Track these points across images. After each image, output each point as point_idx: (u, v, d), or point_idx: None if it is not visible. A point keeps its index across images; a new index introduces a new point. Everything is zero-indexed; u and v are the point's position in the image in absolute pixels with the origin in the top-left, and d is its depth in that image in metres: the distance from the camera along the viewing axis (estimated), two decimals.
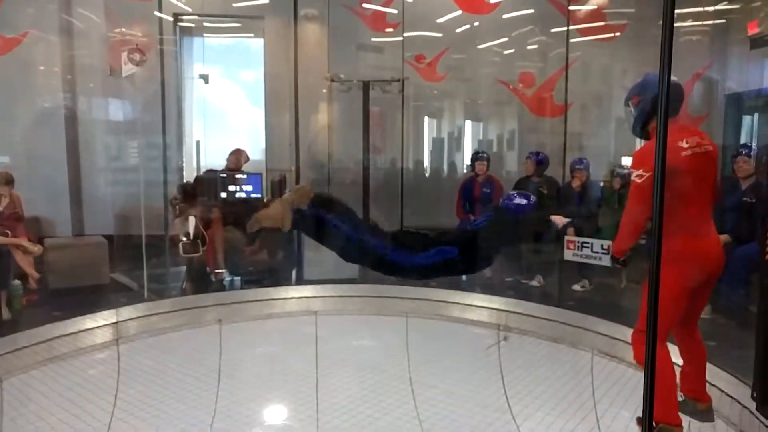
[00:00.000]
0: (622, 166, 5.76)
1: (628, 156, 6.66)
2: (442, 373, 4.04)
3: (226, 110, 8.04)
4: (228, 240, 5.40)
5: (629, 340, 4.10)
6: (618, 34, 6.51)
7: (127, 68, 4.75)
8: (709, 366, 3.46)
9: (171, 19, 6.67)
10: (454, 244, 2.79)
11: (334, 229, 2.77)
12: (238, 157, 5.94)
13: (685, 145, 2.41)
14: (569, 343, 4.42)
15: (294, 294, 5.27)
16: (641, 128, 2.60)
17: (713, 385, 3.39)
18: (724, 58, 6.17)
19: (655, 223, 1.38)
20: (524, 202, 3.03)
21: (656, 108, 2.16)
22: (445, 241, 2.80)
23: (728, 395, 3.27)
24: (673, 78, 2.31)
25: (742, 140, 5.91)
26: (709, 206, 2.56)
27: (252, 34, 7.73)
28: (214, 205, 5.01)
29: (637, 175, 2.37)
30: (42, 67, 6.53)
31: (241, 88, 8.28)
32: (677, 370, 2.82)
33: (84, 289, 5.13)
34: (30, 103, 6.53)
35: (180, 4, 6.68)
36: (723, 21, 6.02)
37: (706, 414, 2.73)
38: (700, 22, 6.01)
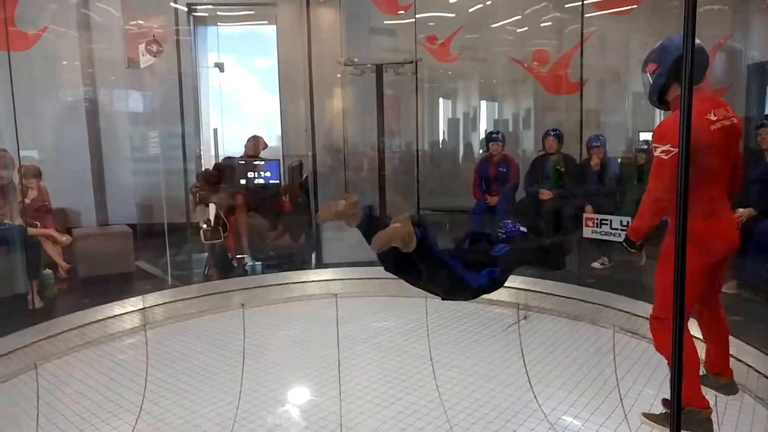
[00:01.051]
0: (645, 141, 5.68)
1: (646, 131, 6.59)
2: (462, 353, 4.08)
3: (242, 98, 8.10)
4: (251, 225, 5.48)
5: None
6: (635, 6, 6.37)
7: (145, 59, 4.82)
8: (735, 341, 3.45)
9: (185, 9, 6.71)
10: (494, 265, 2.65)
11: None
12: (255, 143, 6.01)
13: (713, 118, 2.17)
14: (590, 321, 4.43)
15: (314, 277, 5.35)
16: (659, 98, 2.37)
17: (739, 360, 3.38)
18: (746, 27, 6.01)
19: (680, 202, 1.33)
20: (525, 230, 2.88)
21: (676, 75, 2.13)
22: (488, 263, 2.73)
23: (755, 370, 3.26)
24: (697, 42, 2.12)
25: (767, 111, 5.78)
26: (727, 184, 2.39)
27: (266, 22, 7.75)
28: (237, 192, 5.08)
29: (662, 151, 2.12)
30: (62, 62, 6.64)
31: (255, 75, 8.33)
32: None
33: (111, 277, 5.28)
34: (52, 97, 6.66)
35: None
36: None
37: (729, 387, 2.64)
38: None
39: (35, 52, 5.75)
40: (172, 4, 5.96)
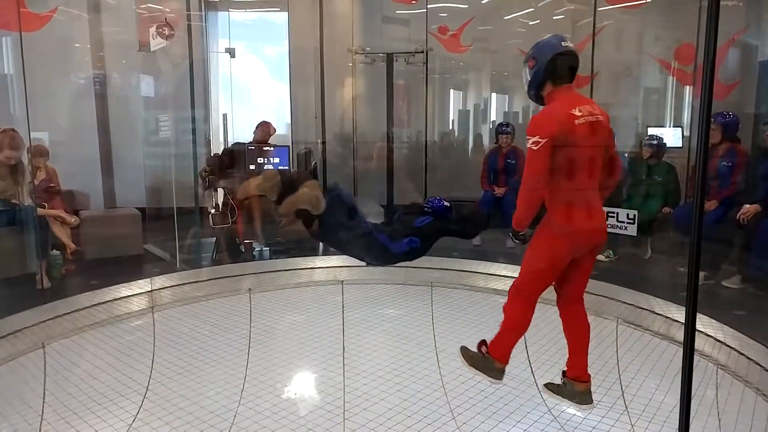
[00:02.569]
0: (651, 136, 5.66)
1: (656, 126, 6.57)
2: (467, 343, 4.10)
3: (251, 84, 8.10)
4: (263, 210, 5.50)
5: (654, 310, 4.14)
6: (647, 1, 6.32)
7: (156, 43, 4.82)
8: (738, 335, 3.47)
9: None
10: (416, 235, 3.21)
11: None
12: (264, 129, 5.99)
13: (578, 114, 2.33)
14: (594, 312, 4.42)
15: (321, 264, 5.38)
16: (535, 92, 2.50)
17: (742, 354, 3.39)
18: (759, 23, 5.96)
19: (696, 197, 1.34)
20: (448, 204, 3.43)
21: (550, 73, 2.36)
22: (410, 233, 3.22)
23: (757, 364, 3.27)
24: (568, 44, 2.42)
25: None
26: (598, 176, 2.47)
27: (278, 9, 7.72)
28: (251, 177, 5.09)
29: (533, 142, 2.25)
30: (73, 44, 6.65)
31: (264, 62, 8.32)
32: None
33: (119, 260, 5.32)
34: (62, 78, 6.67)
35: None
36: None
37: (584, 396, 2.62)
38: None
39: (46, 34, 5.75)
40: None
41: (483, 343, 2.72)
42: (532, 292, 2.59)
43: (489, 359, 2.65)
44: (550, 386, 2.73)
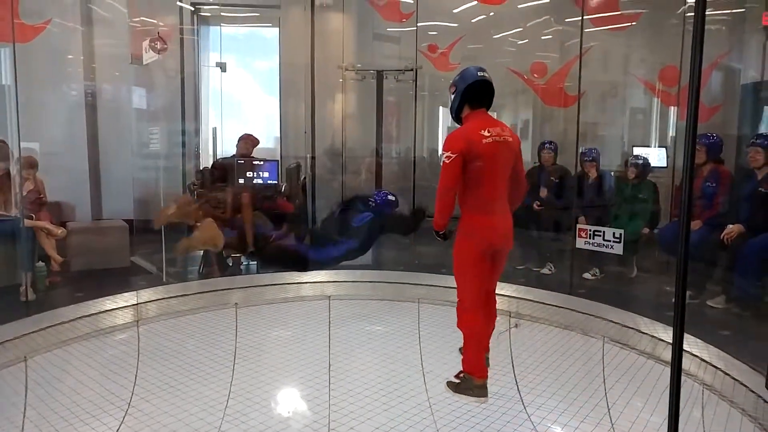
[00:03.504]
0: (636, 156, 5.75)
1: (641, 146, 6.68)
2: (454, 361, 4.09)
3: (241, 98, 8.12)
4: (255, 225, 5.47)
5: (640, 328, 4.17)
6: (632, 23, 6.47)
7: (148, 56, 4.83)
8: (723, 355, 3.51)
9: (191, 8, 6.74)
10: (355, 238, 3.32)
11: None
12: (247, 142, 5.96)
13: (486, 134, 2.71)
14: (580, 331, 4.47)
15: (308, 279, 5.36)
16: (455, 114, 2.88)
17: (727, 374, 3.43)
18: (741, 47, 6.11)
19: (683, 210, 1.38)
20: (393, 198, 3.47)
21: (467, 98, 2.77)
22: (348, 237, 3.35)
23: (742, 384, 3.30)
24: (484, 74, 2.78)
25: (760, 130, 5.87)
26: (504, 188, 2.84)
27: (269, 24, 7.79)
28: (243, 190, 5.08)
29: (446, 156, 2.64)
30: (65, 55, 6.64)
31: (254, 76, 8.35)
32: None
33: (105, 272, 5.27)
34: (53, 89, 6.65)
35: None
36: (742, 10, 5.96)
37: (480, 389, 2.88)
38: (718, 11, 5.95)
39: (39, 45, 5.75)
40: (179, 3, 5.98)
41: (460, 371, 2.94)
42: (471, 299, 2.90)
43: (466, 378, 2.87)
44: (450, 384, 2.97)
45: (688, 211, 1.51)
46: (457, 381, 2.90)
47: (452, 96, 2.84)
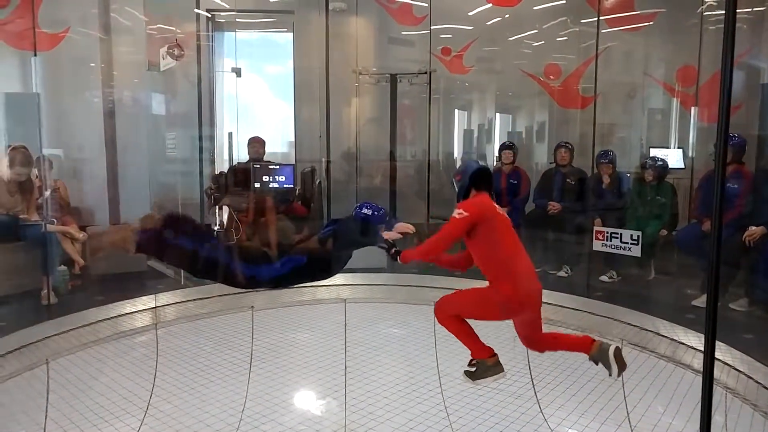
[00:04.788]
0: (653, 158, 5.67)
1: (658, 147, 6.61)
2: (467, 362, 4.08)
3: (256, 103, 8.19)
4: (278, 228, 5.51)
5: (659, 331, 4.12)
6: (649, 23, 6.41)
7: (166, 63, 4.90)
8: (747, 359, 3.47)
9: (206, 15, 6.82)
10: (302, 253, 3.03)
11: (177, 249, 2.83)
12: (255, 146, 6.01)
13: (498, 208, 2.86)
14: (598, 334, 4.42)
15: (324, 282, 5.37)
16: (463, 198, 2.96)
17: (750, 377, 3.37)
18: (762, 45, 6.02)
19: (714, 217, 1.37)
20: (371, 212, 3.10)
21: (473, 183, 2.91)
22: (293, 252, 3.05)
23: (766, 388, 3.25)
24: (481, 164, 3.05)
25: None
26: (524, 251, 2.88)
27: (284, 29, 7.85)
28: (267, 195, 5.13)
29: (458, 212, 2.74)
30: (85, 63, 6.75)
31: (268, 81, 8.42)
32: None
33: (123, 276, 5.33)
34: (74, 97, 6.76)
35: (218, 0, 6.82)
36: (762, 8, 5.88)
37: (496, 367, 2.93)
38: (739, 10, 5.87)
39: (60, 54, 5.86)
40: (197, 10, 6.07)
41: (471, 360, 2.98)
42: (453, 314, 2.91)
43: (479, 362, 2.92)
44: (468, 374, 2.96)
45: (719, 217, 1.48)
46: (473, 369, 2.95)
47: (457, 183, 3.01)
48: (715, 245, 1.21)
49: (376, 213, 3.12)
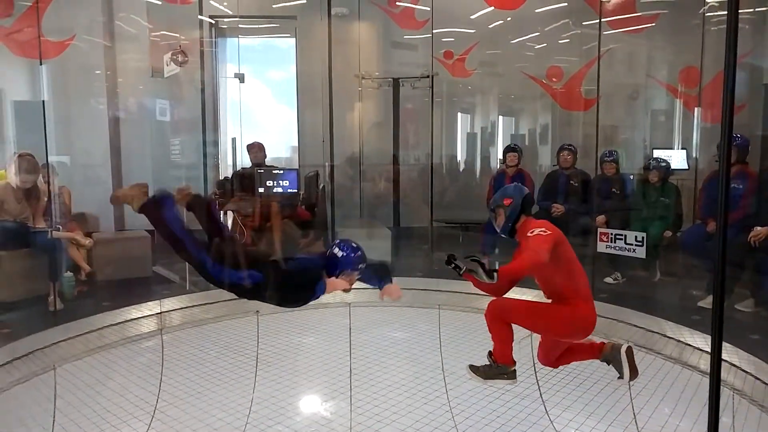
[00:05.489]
0: (656, 159, 5.67)
1: (663, 148, 6.60)
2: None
3: (259, 108, 8.23)
4: (284, 232, 5.53)
5: (666, 333, 4.11)
6: (651, 25, 6.42)
7: (170, 69, 4.93)
8: (753, 359, 3.46)
9: (210, 21, 6.87)
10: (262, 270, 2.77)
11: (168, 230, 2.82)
12: (255, 150, 6.03)
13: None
14: (603, 335, 4.40)
15: None
16: (512, 224, 2.98)
17: (757, 378, 3.35)
18: (765, 45, 6.02)
19: (720, 215, 1.37)
20: (342, 254, 2.84)
21: (524, 208, 2.99)
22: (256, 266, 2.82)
23: None
24: (525, 189, 3.04)
25: None
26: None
27: (287, 35, 7.89)
28: (273, 199, 5.15)
29: (541, 230, 2.75)
30: (90, 70, 6.81)
31: (271, 86, 8.46)
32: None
33: (128, 282, 5.36)
34: (80, 104, 6.82)
35: (221, 7, 6.87)
36: (764, 9, 5.88)
37: (513, 374, 3.00)
38: (740, 10, 5.87)
39: (65, 61, 5.91)
40: (200, 17, 6.12)
41: (490, 353, 3.02)
42: (508, 321, 2.93)
43: (500, 366, 2.96)
44: (479, 372, 3.00)
45: (724, 218, 1.49)
46: (486, 366, 3.00)
47: (507, 208, 2.97)
48: (721, 246, 1.22)
49: (347, 255, 2.87)
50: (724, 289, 1.34)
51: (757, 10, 5.78)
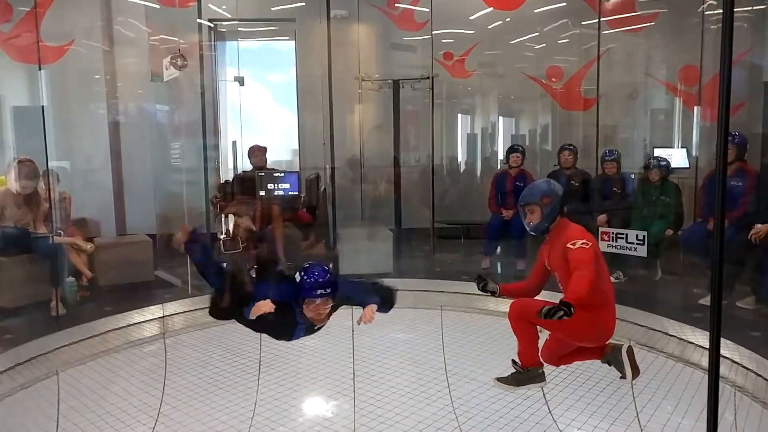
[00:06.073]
0: (656, 157, 5.68)
1: (663, 147, 6.61)
2: (479, 366, 4.09)
3: (259, 111, 8.24)
4: (285, 235, 5.54)
5: (668, 331, 4.11)
6: (650, 24, 6.43)
7: (169, 73, 4.94)
8: (755, 357, 3.47)
9: (209, 24, 6.89)
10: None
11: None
12: (257, 154, 6.04)
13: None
14: None
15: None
16: (549, 224, 2.95)
17: (759, 375, 3.36)
18: (764, 44, 6.03)
19: (717, 221, 1.39)
20: (300, 277, 2.69)
21: (561, 208, 2.95)
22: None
23: None
24: (561, 188, 2.99)
25: None
26: None
27: (288, 37, 7.90)
28: (274, 202, 5.15)
29: (582, 243, 2.71)
30: (90, 75, 6.83)
31: (271, 89, 8.47)
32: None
33: (130, 286, 5.37)
34: (79, 109, 6.83)
35: (219, 10, 6.89)
36: (762, 7, 5.89)
37: (542, 375, 3.03)
38: (739, 8, 5.89)
39: (64, 66, 5.92)
40: (199, 20, 6.13)
41: (514, 361, 3.03)
42: (531, 320, 2.91)
43: (530, 370, 2.97)
44: (508, 381, 3.01)
45: (721, 217, 1.50)
46: (515, 373, 3.00)
47: (543, 208, 2.92)
48: (718, 242, 1.23)
49: (302, 279, 2.66)
50: (722, 282, 1.34)
51: (755, 8, 5.79)
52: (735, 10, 1.38)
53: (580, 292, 2.53)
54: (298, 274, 2.72)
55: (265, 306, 2.69)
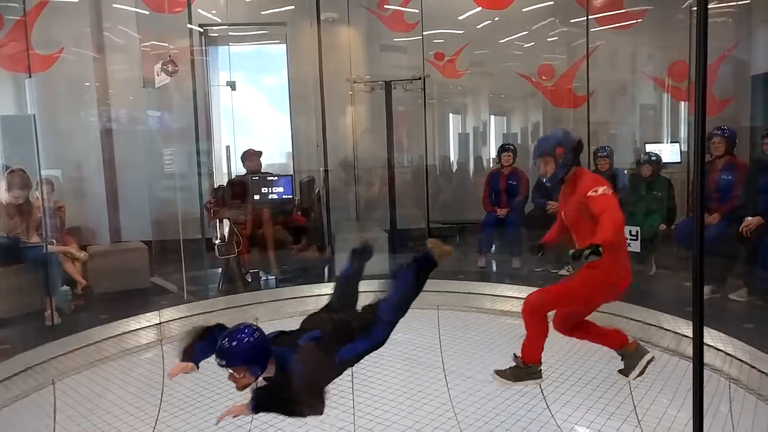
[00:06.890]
0: (647, 153, 5.72)
1: (653, 143, 6.66)
2: (476, 364, 4.10)
3: (252, 115, 8.23)
4: (276, 239, 5.55)
5: (662, 325, 4.14)
6: (637, 21, 6.48)
7: (160, 79, 4.93)
8: (748, 348, 3.50)
9: (199, 30, 6.88)
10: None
11: None
12: (252, 158, 6.04)
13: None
14: None
15: (327, 291, 5.38)
16: (564, 174, 2.89)
17: (753, 367, 3.38)
18: (750, 39, 6.09)
19: (696, 214, 1.41)
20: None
21: (576, 156, 2.88)
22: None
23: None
24: (574, 134, 2.91)
25: None
26: None
27: (278, 41, 7.90)
28: (264, 207, 5.15)
29: (603, 189, 2.69)
30: (80, 82, 6.81)
31: (263, 93, 8.46)
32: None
33: (126, 293, 5.35)
34: (71, 116, 6.80)
35: (210, 15, 6.89)
36: (747, 2, 5.95)
37: (540, 372, 3.08)
38: (724, 4, 5.94)
39: (55, 74, 5.90)
40: (189, 25, 6.12)
41: (516, 356, 3.06)
42: (547, 312, 3.01)
43: (530, 366, 3.00)
44: (505, 375, 3.05)
45: (700, 207, 1.52)
46: (514, 368, 3.03)
47: (559, 157, 2.86)
48: (698, 232, 1.25)
49: (232, 343, 2.17)
50: (703, 272, 1.36)
51: (739, 2, 5.85)
52: (720, 6, 1.40)
53: (608, 234, 2.54)
54: (236, 334, 2.26)
55: (181, 367, 2.34)
